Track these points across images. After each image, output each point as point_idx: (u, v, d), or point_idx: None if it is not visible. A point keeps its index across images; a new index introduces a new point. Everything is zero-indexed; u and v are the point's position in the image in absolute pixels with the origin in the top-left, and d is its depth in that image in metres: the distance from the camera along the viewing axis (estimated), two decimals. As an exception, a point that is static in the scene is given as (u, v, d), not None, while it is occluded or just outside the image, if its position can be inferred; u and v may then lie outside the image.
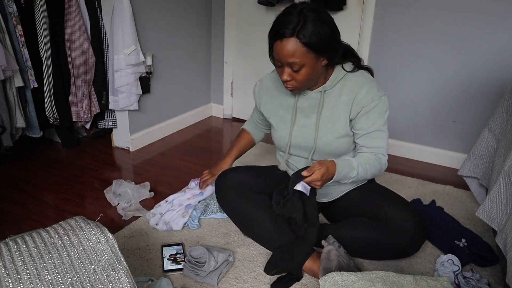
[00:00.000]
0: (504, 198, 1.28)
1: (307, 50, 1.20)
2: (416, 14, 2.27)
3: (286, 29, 1.19)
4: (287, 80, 1.28)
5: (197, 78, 3.02)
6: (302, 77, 1.26)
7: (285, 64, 1.24)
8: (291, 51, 1.20)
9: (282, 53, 1.22)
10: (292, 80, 1.28)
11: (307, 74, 1.26)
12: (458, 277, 1.38)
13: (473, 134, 2.28)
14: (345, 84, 1.36)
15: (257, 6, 2.74)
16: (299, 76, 1.26)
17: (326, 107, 1.38)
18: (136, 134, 2.52)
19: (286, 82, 1.29)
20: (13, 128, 2.00)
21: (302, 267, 1.38)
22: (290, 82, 1.29)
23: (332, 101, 1.38)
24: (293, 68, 1.24)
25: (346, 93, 1.36)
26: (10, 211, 1.78)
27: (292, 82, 1.29)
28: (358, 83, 1.35)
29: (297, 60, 1.21)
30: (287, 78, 1.27)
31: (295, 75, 1.26)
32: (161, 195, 1.91)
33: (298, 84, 1.29)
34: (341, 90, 1.37)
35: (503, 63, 2.13)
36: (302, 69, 1.24)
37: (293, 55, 1.21)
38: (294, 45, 1.19)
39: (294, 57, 1.21)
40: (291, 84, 1.30)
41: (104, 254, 1.03)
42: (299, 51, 1.20)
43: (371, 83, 1.36)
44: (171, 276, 1.38)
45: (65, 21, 2.10)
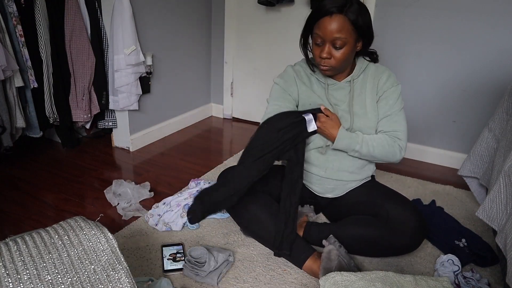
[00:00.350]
0: (504, 198, 1.28)
1: (352, 28, 1.28)
2: (416, 14, 2.27)
3: (336, 6, 1.25)
4: (326, 58, 1.31)
5: (197, 78, 3.02)
6: (341, 55, 1.31)
7: (329, 40, 1.29)
8: (339, 27, 1.26)
9: (330, 28, 1.26)
10: (331, 58, 1.32)
11: (346, 53, 1.31)
12: (458, 277, 1.38)
13: (473, 134, 2.28)
14: (367, 73, 1.45)
15: (257, 6, 2.74)
16: (338, 54, 1.31)
17: (355, 96, 1.45)
18: (136, 134, 2.52)
19: (324, 60, 1.33)
20: (13, 128, 2.00)
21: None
22: (329, 60, 1.32)
23: (359, 89, 1.45)
24: (336, 44, 1.29)
25: (370, 81, 1.45)
26: (10, 211, 1.78)
27: (330, 61, 1.33)
28: (379, 69, 1.46)
29: (343, 36, 1.27)
30: (327, 56, 1.31)
31: (335, 53, 1.31)
32: (161, 195, 1.92)
33: (336, 63, 1.33)
34: (365, 79, 1.45)
35: (503, 63, 2.13)
36: (344, 48, 1.30)
37: (340, 30, 1.26)
38: (343, 21, 1.26)
39: (341, 32, 1.27)
40: (328, 63, 1.33)
41: (104, 254, 1.03)
42: (346, 28, 1.27)
43: (389, 71, 1.46)
44: (171, 276, 1.38)
45: (65, 21, 2.10)
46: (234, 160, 2.35)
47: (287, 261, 1.46)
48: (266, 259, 1.48)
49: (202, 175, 2.16)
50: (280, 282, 1.38)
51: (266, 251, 1.52)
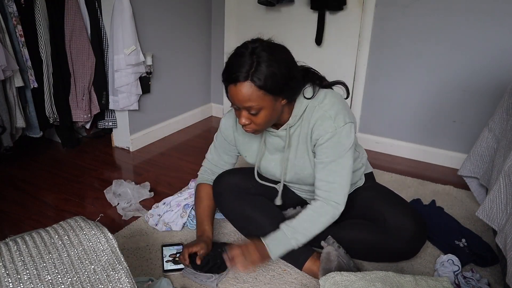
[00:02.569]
0: (504, 198, 1.28)
1: (263, 93, 1.14)
2: (416, 14, 2.27)
3: (240, 73, 1.12)
4: (245, 124, 1.22)
5: (197, 78, 3.02)
6: (261, 120, 1.20)
7: (242, 108, 1.18)
8: (246, 96, 1.13)
9: (238, 98, 1.15)
10: (251, 123, 1.22)
11: (266, 116, 1.19)
12: (458, 277, 1.38)
13: (473, 134, 2.28)
14: (306, 117, 1.30)
15: (257, 6, 2.74)
16: (258, 119, 1.20)
17: (293, 144, 1.34)
18: (136, 134, 2.52)
19: (244, 125, 1.23)
20: (13, 128, 2.00)
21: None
22: (249, 125, 1.22)
23: (297, 136, 1.33)
24: (251, 111, 1.18)
25: (304, 126, 1.30)
26: (10, 211, 1.78)
27: (251, 126, 1.22)
28: (315, 112, 1.27)
29: (254, 104, 1.15)
30: (246, 122, 1.21)
31: (254, 118, 1.20)
32: (161, 195, 1.91)
33: (258, 127, 1.23)
34: (303, 125, 1.31)
35: (503, 63, 2.13)
36: (261, 112, 1.18)
37: (249, 99, 1.14)
38: (249, 89, 1.13)
39: (251, 101, 1.14)
40: (250, 128, 1.23)
41: (104, 254, 1.03)
42: (255, 95, 1.13)
43: (328, 112, 1.25)
44: (171, 276, 1.38)
45: (65, 21, 2.10)
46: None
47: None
48: (266, 259, 1.48)
49: (202, 175, 2.16)
50: (280, 282, 1.38)
51: (266, 251, 1.52)
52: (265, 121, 1.21)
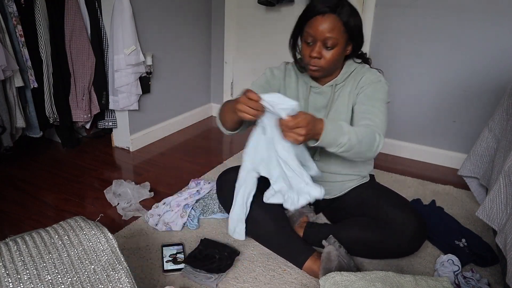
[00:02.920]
0: (504, 198, 1.28)
1: (344, 29, 1.26)
2: (416, 14, 2.27)
3: (329, 6, 1.24)
4: (316, 57, 1.28)
5: (197, 78, 3.02)
6: (331, 56, 1.28)
7: (320, 40, 1.26)
8: (330, 26, 1.24)
9: (322, 27, 1.24)
10: (321, 58, 1.29)
11: (336, 54, 1.29)
12: (458, 277, 1.38)
13: (473, 134, 2.28)
14: (353, 77, 1.41)
15: (257, 6, 2.74)
16: (328, 55, 1.28)
17: (337, 102, 1.41)
18: (136, 134, 2.52)
19: (313, 60, 1.29)
20: (13, 128, 2.00)
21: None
22: (318, 60, 1.29)
23: (342, 95, 1.41)
24: (327, 44, 1.26)
25: (351, 84, 1.40)
26: (10, 211, 1.78)
27: (320, 61, 1.29)
28: (362, 71, 1.40)
29: (334, 35, 1.25)
30: (317, 55, 1.28)
31: (325, 53, 1.28)
32: (161, 195, 1.91)
33: (325, 64, 1.30)
34: (350, 83, 1.41)
35: (503, 63, 2.13)
36: (335, 48, 1.27)
37: (332, 30, 1.24)
38: (334, 21, 1.24)
39: (333, 32, 1.24)
40: (317, 63, 1.30)
41: (104, 254, 1.03)
42: (337, 28, 1.25)
43: (372, 71, 1.39)
44: (170, 276, 1.38)
45: (65, 21, 2.10)
46: (234, 160, 2.35)
47: (287, 261, 1.46)
48: (266, 259, 1.48)
49: (202, 175, 2.16)
50: (280, 282, 1.38)
51: (266, 251, 1.52)
52: (333, 60, 1.30)
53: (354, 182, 1.53)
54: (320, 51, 1.28)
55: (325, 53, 1.28)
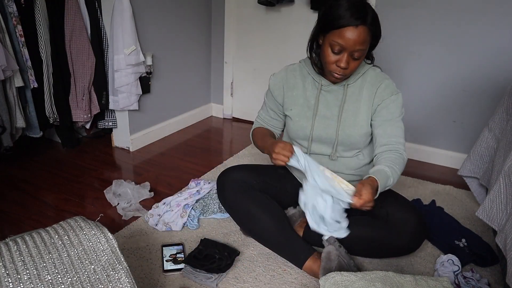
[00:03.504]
0: (504, 198, 1.28)
1: (371, 39, 1.26)
2: (416, 14, 2.27)
3: (365, 17, 1.21)
4: (344, 68, 1.27)
5: (197, 78, 3.02)
6: (356, 65, 1.29)
7: (349, 51, 1.24)
8: (362, 39, 1.22)
9: (353, 39, 1.21)
10: (347, 68, 1.28)
11: (359, 63, 1.29)
12: (458, 277, 1.38)
13: (473, 134, 2.28)
14: (365, 79, 1.41)
15: (257, 6, 2.74)
16: (354, 64, 1.28)
17: (348, 101, 1.41)
18: (136, 134, 2.52)
19: (340, 69, 1.28)
20: (13, 128, 2.00)
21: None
22: (345, 70, 1.29)
23: (354, 95, 1.41)
24: (354, 56, 1.25)
25: (367, 88, 1.40)
26: (10, 211, 1.78)
27: (346, 70, 1.29)
28: (378, 77, 1.41)
29: (363, 47, 1.24)
30: (345, 66, 1.27)
31: (352, 63, 1.28)
32: (161, 195, 1.92)
33: (350, 73, 1.31)
34: (363, 84, 1.40)
35: (503, 63, 2.13)
36: (360, 58, 1.27)
37: (363, 43, 1.23)
38: (366, 34, 1.23)
39: (363, 44, 1.23)
40: (343, 72, 1.29)
41: (104, 254, 1.03)
42: (367, 40, 1.24)
43: (389, 79, 1.42)
44: (170, 276, 1.38)
45: (65, 21, 2.10)
46: (234, 160, 2.35)
47: (287, 261, 1.46)
48: (266, 259, 1.48)
49: (202, 175, 2.16)
50: (280, 282, 1.38)
51: (266, 251, 1.52)
52: (355, 68, 1.31)
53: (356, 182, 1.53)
54: (348, 61, 1.27)
55: (352, 63, 1.28)
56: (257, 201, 1.46)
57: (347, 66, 1.28)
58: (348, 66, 1.28)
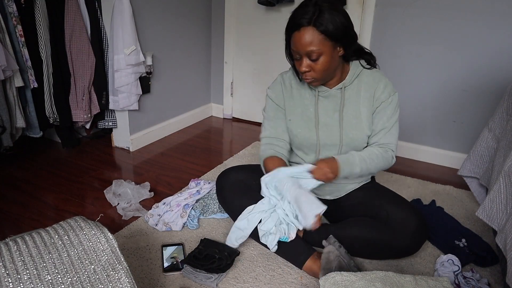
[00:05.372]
0: (504, 198, 1.28)
1: (324, 37, 1.24)
2: (416, 14, 2.27)
3: (303, 19, 1.23)
4: (305, 71, 1.30)
5: (197, 78, 3.02)
6: (320, 66, 1.28)
7: (304, 54, 1.27)
8: (309, 40, 1.24)
9: (300, 43, 1.25)
10: (310, 71, 1.30)
11: (325, 63, 1.28)
12: (458, 277, 1.38)
13: (473, 134, 2.28)
14: (362, 80, 1.41)
15: (257, 6, 2.74)
16: (317, 66, 1.28)
17: (347, 104, 1.41)
18: (136, 134, 2.52)
19: (305, 73, 1.31)
20: (13, 128, 2.00)
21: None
22: (309, 73, 1.30)
23: (352, 97, 1.41)
24: (312, 57, 1.27)
25: (365, 89, 1.40)
26: (10, 211, 1.78)
27: (311, 73, 1.31)
28: (375, 78, 1.41)
29: (315, 48, 1.24)
30: (306, 69, 1.29)
31: (314, 65, 1.29)
32: (161, 195, 1.92)
33: (317, 75, 1.31)
34: (360, 86, 1.41)
35: (503, 63, 2.13)
36: (320, 58, 1.27)
37: (311, 43, 1.24)
38: (312, 34, 1.23)
39: (312, 45, 1.24)
40: (310, 75, 1.31)
41: (104, 254, 1.03)
42: (316, 39, 1.23)
43: (386, 78, 1.42)
44: (170, 276, 1.38)
45: (65, 21, 2.10)
46: (234, 160, 2.35)
47: (287, 261, 1.46)
48: (266, 259, 1.48)
49: (202, 175, 2.16)
50: (280, 282, 1.38)
51: (266, 251, 1.52)
52: (324, 68, 1.29)
53: (356, 184, 1.53)
54: (308, 64, 1.29)
55: (313, 65, 1.29)
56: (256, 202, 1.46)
57: (309, 69, 1.30)
58: (311, 68, 1.29)
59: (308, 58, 1.28)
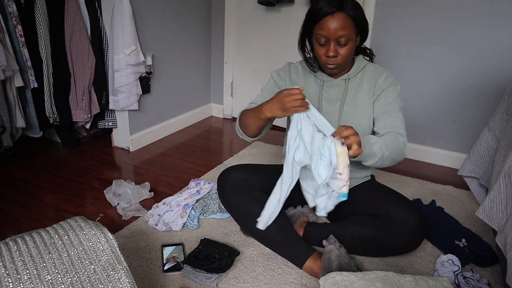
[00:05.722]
0: (504, 198, 1.28)
1: (353, 24, 1.29)
2: (416, 14, 2.27)
3: (334, 5, 1.26)
4: (333, 56, 1.32)
5: (197, 78, 3.02)
6: (346, 51, 1.32)
7: (333, 39, 1.29)
8: (342, 24, 1.27)
9: (334, 27, 1.27)
10: (338, 55, 1.32)
11: (350, 49, 1.33)
12: (458, 277, 1.38)
13: (473, 134, 2.28)
14: (365, 72, 1.46)
15: (257, 6, 2.74)
16: (344, 51, 1.32)
17: (349, 94, 1.45)
18: (136, 134, 2.52)
19: (331, 58, 1.33)
20: (13, 128, 2.00)
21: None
22: (335, 58, 1.33)
23: (354, 88, 1.45)
24: (341, 42, 1.29)
25: (367, 81, 1.44)
26: (10, 211, 1.78)
27: (337, 59, 1.33)
28: (377, 70, 1.46)
29: (346, 32, 1.28)
30: (334, 54, 1.31)
31: (341, 50, 1.32)
32: (161, 195, 1.92)
33: (342, 60, 1.33)
34: (363, 78, 1.45)
35: (503, 63, 2.13)
36: (348, 44, 1.31)
37: (344, 28, 1.27)
38: (345, 19, 1.27)
39: (345, 29, 1.28)
40: (335, 61, 1.33)
41: (104, 254, 1.03)
42: (348, 24, 1.28)
43: (388, 72, 1.47)
44: (170, 276, 1.38)
45: (65, 21, 2.10)
46: (234, 160, 2.35)
47: (287, 261, 1.46)
48: (266, 259, 1.48)
49: (202, 175, 2.16)
50: (280, 282, 1.38)
51: (266, 251, 1.52)
52: (348, 54, 1.33)
53: (358, 180, 1.54)
54: (336, 49, 1.31)
55: (340, 50, 1.32)
56: (257, 201, 1.46)
57: (336, 54, 1.32)
58: (338, 53, 1.32)
59: (336, 43, 1.30)
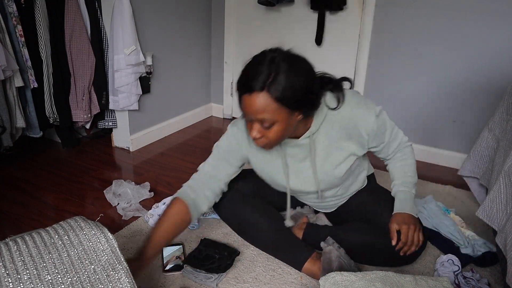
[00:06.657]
0: (504, 198, 1.28)
1: (278, 105, 1.06)
2: (416, 14, 2.27)
3: (256, 82, 1.04)
4: (256, 138, 1.15)
5: (197, 78, 3.02)
6: (274, 134, 1.13)
7: (255, 120, 1.11)
8: (261, 107, 1.06)
9: (252, 109, 1.07)
10: (262, 137, 1.14)
11: (279, 130, 1.12)
12: (458, 277, 1.37)
13: (473, 134, 2.28)
14: (330, 120, 1.25)
15: (257, 6, 2.74)
16: (270, 133, 1.13)
17: (318, 149, 1.28)
18: (136, 134, 2.52)
19: (255, 139, 1.16)
20: (13, 128, 2.00)
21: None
22: (261, 139, 1.15)
23: (321, 140, 1.28)
24: (264, 124, 1.10)
25: (338, 131, 1.26)
26: (10, 211, 1.78)
27: (263, 140, 1.15)
28: (345, 114, 1.24)
29: (268, 116, 1.07)
30: (257, 136, 1.14)
31: (266, 132, 1.13)
32: (161, 195, 1.91)
33: (270, 142, 1.16)
34: (328, 129, 1.26)
35: (503, 63, 2.13)
36: (274, 126, 1.11)
37: (263, 111, 1.06)
38: (264, 101, 1.05)
39: (265, 113, 1.07)
40: (261, 142, 1.16)
41: (104, 254, 1.03)
42: (270, 107, 1.06)
43: (359, 106, 1.25)
44: (171, 276, 1.38)
45: (65, 21, 2.10)
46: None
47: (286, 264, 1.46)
48: (266, 259, 1.48)
49: (202, 175, 2.16)
50: (280, 282, 1.38)
51: (266, 251, 1.52)
52: (277, 136, 1.14)
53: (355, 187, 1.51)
54: (260, 130, 1.13)
55: (266, 132, 1.13)
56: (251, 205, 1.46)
57: (260, 135, 1.13)
58: (262, 134, 1.13)
59: (260, 125, 1.12)
